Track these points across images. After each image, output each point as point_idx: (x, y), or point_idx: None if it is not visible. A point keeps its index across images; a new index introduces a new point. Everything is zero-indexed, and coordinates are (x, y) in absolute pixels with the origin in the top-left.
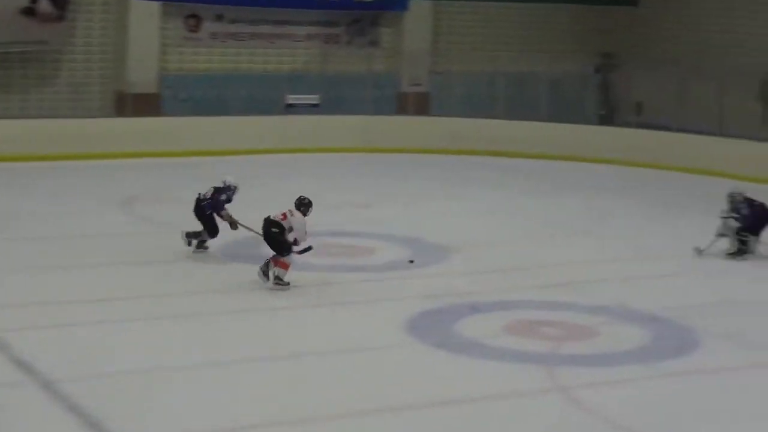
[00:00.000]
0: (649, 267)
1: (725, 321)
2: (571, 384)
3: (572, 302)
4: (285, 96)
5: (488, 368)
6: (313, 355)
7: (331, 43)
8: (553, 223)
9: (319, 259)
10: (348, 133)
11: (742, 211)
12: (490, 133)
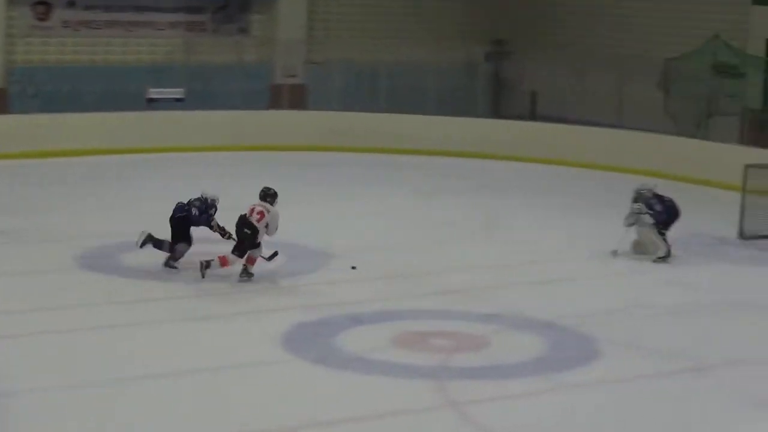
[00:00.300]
0: (546, 271)
1: (626, 328)
2: (463, 399)
3: (463, 310)
4: (146, 90)
5: (373, 385)
6: (182, 374)
7: (195, 32)
8: (442, 225)
9: (184, 267)
10: (216, 129)
11: (655, 208)
12: (372, 127)
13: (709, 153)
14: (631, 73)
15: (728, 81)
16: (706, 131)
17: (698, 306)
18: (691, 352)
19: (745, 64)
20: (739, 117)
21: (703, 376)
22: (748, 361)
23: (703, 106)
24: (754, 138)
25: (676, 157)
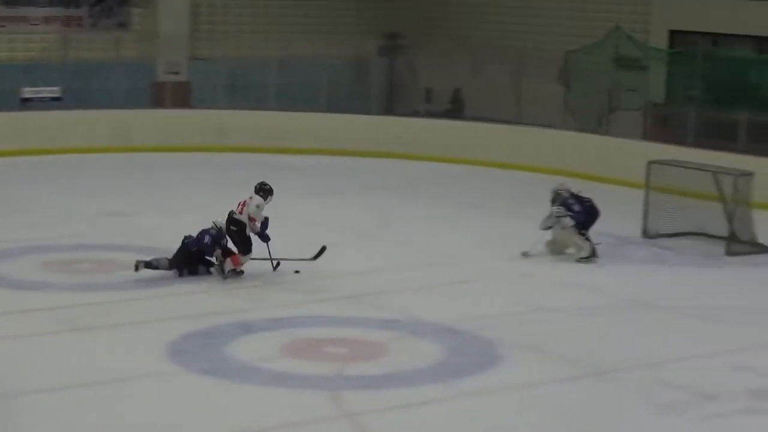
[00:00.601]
0: (443, 274)
1: (528, 331)
2: (360, 410)
3: (359, 317)
4: (20, 89)
5: (265, 396)
6: (66, 388)
7: (72, 27)
8: (335, 228)
9: (66, 276)
10: (96, 129)
11: (574, 208)
12: (261, 126)
13: (611, 149)
14: (530, 67)
15: (630, 74)
16: (608, 127)
17: (601, 308)
18: (594, 355)
19: (648, 57)
20: (641, 111)
21: (606, 380)
22: (651, 363)
23: (605, 101)
24: (658, 133)
25: (577, 153)
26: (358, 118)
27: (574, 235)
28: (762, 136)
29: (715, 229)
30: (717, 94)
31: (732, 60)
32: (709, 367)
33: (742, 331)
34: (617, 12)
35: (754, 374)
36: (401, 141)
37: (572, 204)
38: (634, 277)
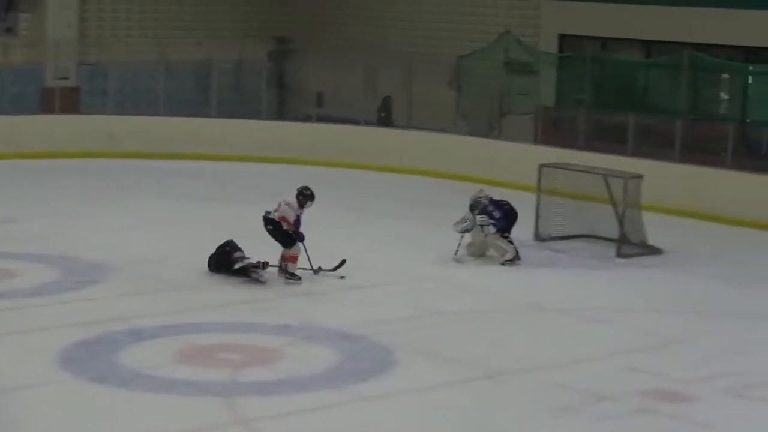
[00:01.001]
0: (338, 280)
1: (422, 336)
2: (255, 416)
3: (252, 322)
4: None
5: (158, 403)
6: None
7: None
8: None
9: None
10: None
11: (494, 215)
12: (151, 131)
13: (503, 153)
14: (421, 72)
15: (521, 78)
16: (499, 130)
17: (495, 311)
18: (488, 358)
19: (538, 61)
20: (532, 115)
21: (501, 383)
22: (545, 366)
23: (496, 105)
24: (548, 137)
25: (469, 157)
26: (248, 123)
27: (497, 239)
28: (651, 138)
29: (605, 232)
30: (606, 98)
31: (620, 63)
32: (602, 368)
33: (633, 332)
34: (507, 17)
35: (646, 375)
36: (292, 145)
37: (492, 211)
38: (527, 280)
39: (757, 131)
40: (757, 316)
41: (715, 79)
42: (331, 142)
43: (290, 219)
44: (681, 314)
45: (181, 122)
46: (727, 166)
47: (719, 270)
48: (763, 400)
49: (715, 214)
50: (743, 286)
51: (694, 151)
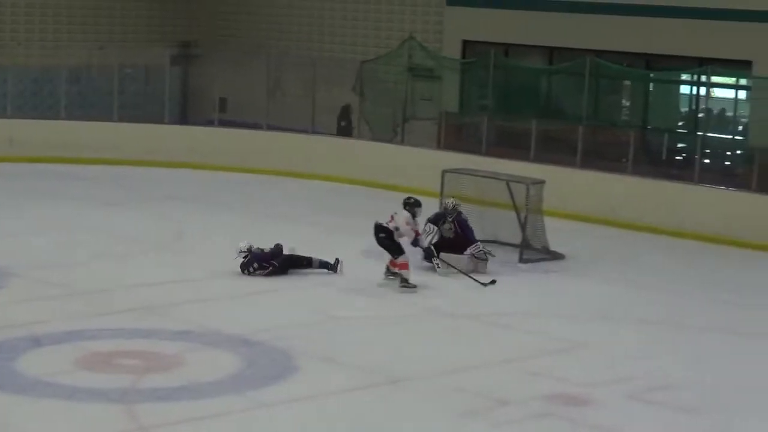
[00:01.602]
0: (239, 285)
1: (323, 341)
2: (155, 422)
3: (153, 329)
4: None
5: (58, 410)
6: None
7: None
8: (126, 239)
9: None
10: None
11: (470, 224)
12: (54, 136)
13: (406, 158)
14: (325, 77)
15: (424, 84)
16: (403, 136)
17: (397, 317)
18: (390, 364)
19: (441, 67)
20: (436, 121)
21: (402, 389)
22: (447, 371)
23: (400, 110)
24: (452, 142)
25: (373, 162)
26: (151, 128)
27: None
28: (553, 144)
29: (508, 237)
30: (509, 104)
31: (523, 70)
32: (504, 373)
33: (535, 337)
34: (411, 22)
35: (548, 379)
36: (195, 150)
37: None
38: (429, 286)
39: (658, 138)
40: (657, 321)
41: (616, 85)
42: (235, 147)
43: (414, 233)
44: (583, 319)
45: (84, 126)
46: (628, 172)
47: (620, 275)
48: (662, 404)
49: (616, 220)
50: (644, 291)
51: (596, 157)
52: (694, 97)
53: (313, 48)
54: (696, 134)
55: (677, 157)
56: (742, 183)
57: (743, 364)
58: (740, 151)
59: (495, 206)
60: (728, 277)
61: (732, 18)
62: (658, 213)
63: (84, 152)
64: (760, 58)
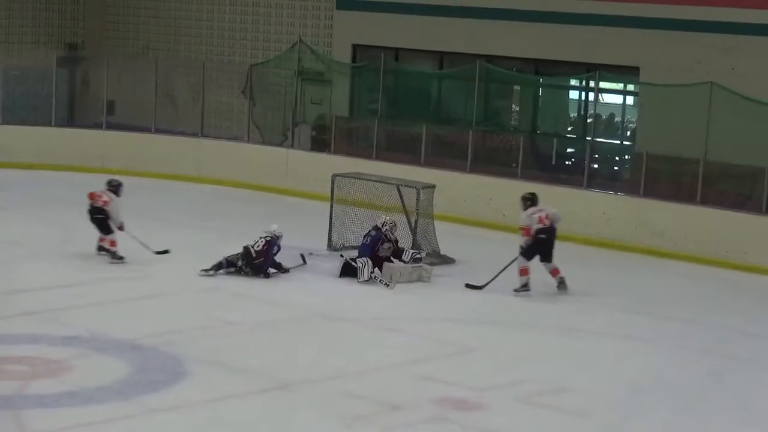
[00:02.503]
0: (127, 289)
1: (213, 346)
2: (42, 429)
3: (39, 334)
4: None
5: None
6: None
7: None
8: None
9: None
10: None
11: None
12: None
13: (296, 162)
14: (214, 80)
15: (314, 88)
16: (293, 140)
17: (286, 321)
18: (279, 368)
19: (331, 71)
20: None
21: (292, 393)
22: (337, 375)
23: (289, 114)
24: (342, 146)
25: (262, 166)
26: (38, 130)
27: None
28: (443, 148)
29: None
30: (400, 108)
31: (414, 74)
32: (394, 377)
33: (425, 341)
34: (301, 26)
35: (438, 384)
36: (83, 153)
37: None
38: (318, 290)
39: (547, 142)
40: (545, 325)
41: (506, 91)
42: (123, 150)
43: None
44: (473, 323)
45: None
46: (518, 177)
47: (510, 280)
48: (550, 407)
49: (506, 225)
50: (533, 297)
51: (486, 161)
52: (582, 102)
53: (203, 51)
54: (585, 139)
55: (566, 162)
56: (630, 188)
57: (633, 367)
58: (628, 156)
59: (386, 210)
60: (615, 281)
61: (620, 24)
62: None
63: None
64: (647, 64)
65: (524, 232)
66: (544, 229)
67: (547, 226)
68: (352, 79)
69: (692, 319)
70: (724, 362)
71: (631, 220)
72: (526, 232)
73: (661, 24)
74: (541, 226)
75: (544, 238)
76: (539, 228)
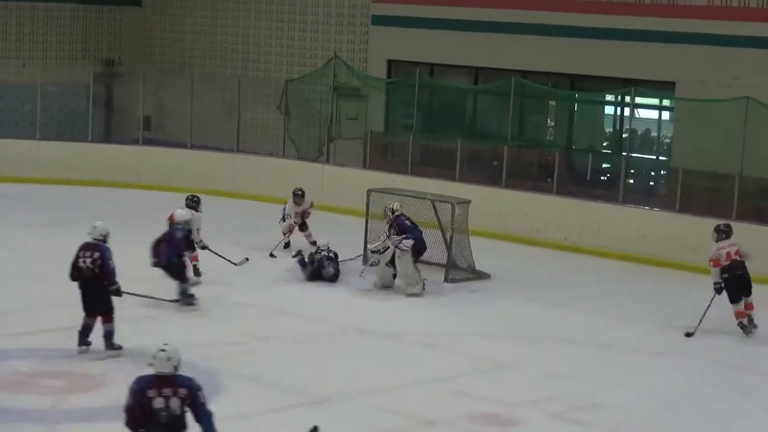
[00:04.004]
0: (160, 304)
1: (246, 361)
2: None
3: (74, 349)
4: None
5: None
6: None
7: None
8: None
9: None
10: None
11: (407, 223)
12: None
13: (332, 177)
14: (250, 96)
15: (350, 103)
16: (328, 155)
17: (320, 336)
18: (313, 384)
19: (366, 86)
20: (361, 140)
21: (325, 409)
22: (370, 390)
23: (325, 129)
24: (378, 162)
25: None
26: (75, 146)
27: (409, 264)
28: (478, 164)
29: (434, 257)
30: (435, 123)
31: (449, 89)
32: (429, 393)
33: (460, 357)
34: (337, 42)
35: (473, 399)
36: (119, 168)
37: (405, 220)
38: (354, 305)
39: (582, 158)
40: (581, 341)
41: (541, 106)
42: (159, 166)
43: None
44: (508, 338)
45: (5, 144)
46: (553, 192)
47: (545, 294)
48: (585, 423)
49: (541, 240)
50: (568, 311)
51: (521, 177)
52: (618, 117)
53: (238, 67)
54: (620, 154)
55: (602, 177)
56: (666, 203)
57: (666, 382)
58: (664, 172)
59: (421, 226)
60: (652, 297)
61: (655, 39)
62: (582, 233)
63: (6, 170)
64: (683, 79)
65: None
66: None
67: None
68: (387, 94)
69: (727, 335)
70: (759, 379)
71: (666, 236)
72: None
73: (697, 39)
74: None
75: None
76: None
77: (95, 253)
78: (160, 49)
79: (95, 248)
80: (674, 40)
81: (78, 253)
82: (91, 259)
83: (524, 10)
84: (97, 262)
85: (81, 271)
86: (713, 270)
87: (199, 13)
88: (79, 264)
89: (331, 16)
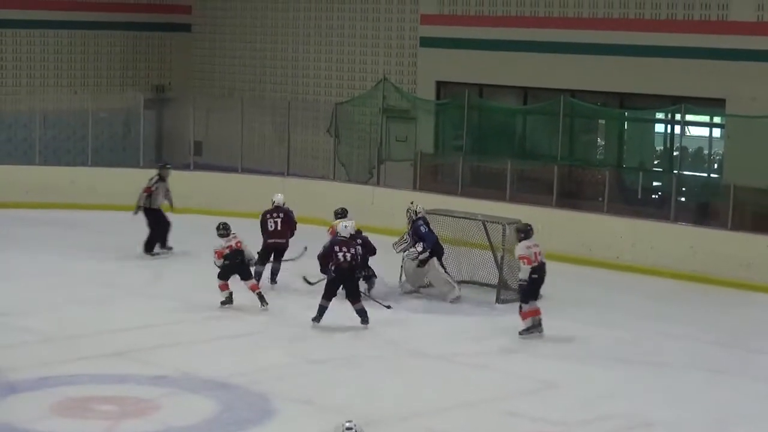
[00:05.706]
0: (215, 329)
1: (299, 384)
2: None
3: (128, 373)
4: None
5: None
6: None
7: None
8: (99, 285)
9: None
10: None
11: (421, 230)
12: (28, 181)
13: (383, 199)
14: (300, 120)
15: (399, 125)
16: (378, 177)
17: (371, 357)
18: (365, 405)
19: (416, 108)
20: (411, 162)
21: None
22: (422, 412)
23: (375, 152)
24: (428, 183)
25: (349, 204)
26: (126, 172)
27: (438, 271)
28: (528, 184)
29: (485, 277)
30: (484, 144)
31: (498, 110)
32: (481, 414)
33: (512, 377)
34: (385, 64)
35: (525, 419)
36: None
37: (420, 225)
38: (406, 326)
39: (633, 176)
40: (634, 360)
41: (591, 125)
42: (210, 190)
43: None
44: (559, 358)
45: (58, 171)
46: (604, 211)
47: (597, 314)
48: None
49: (593, 259)
50: (620, 330)
51: (571, 196)
52: (668, 135)
53: (288, 91)
54: (671, 172)
55: (653, 195)
56: (717, 220)
57: (719, 401)
58: (715, 189)
59: (472, 246)
60: (705, 315)
61: (705, 56)
62: (634, 252)
63: (59, 197)
64: (733, 96)
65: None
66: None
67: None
68: (436, 116)
69: None
70: None
71: (718, 253)
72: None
73: (747, 55)
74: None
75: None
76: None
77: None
78: (209, 74)
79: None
80: (724, 57)
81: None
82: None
83: (572, 29)
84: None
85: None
86: (524, 267)
87: (248, 38)
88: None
89: (379, 39)
